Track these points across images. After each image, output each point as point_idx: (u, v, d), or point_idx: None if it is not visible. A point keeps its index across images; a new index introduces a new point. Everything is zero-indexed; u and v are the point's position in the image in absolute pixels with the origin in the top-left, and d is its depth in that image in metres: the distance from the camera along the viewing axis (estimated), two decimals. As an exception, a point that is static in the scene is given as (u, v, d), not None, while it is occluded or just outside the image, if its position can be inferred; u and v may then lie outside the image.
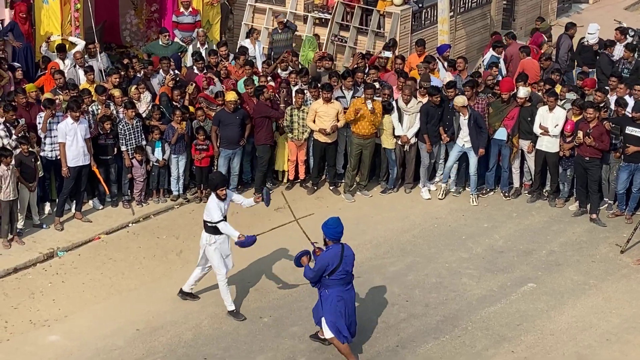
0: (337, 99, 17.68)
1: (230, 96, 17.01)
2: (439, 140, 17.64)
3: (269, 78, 18.66)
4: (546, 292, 14.75)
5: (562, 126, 16.91)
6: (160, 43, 19.97)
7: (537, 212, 17.38)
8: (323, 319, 12.56)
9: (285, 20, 21.86)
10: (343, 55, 22.06)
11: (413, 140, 17.69)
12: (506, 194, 17.90)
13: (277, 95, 17.97)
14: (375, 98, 17.22)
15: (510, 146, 17.49)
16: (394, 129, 17.59)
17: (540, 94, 17.80)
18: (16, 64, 18.17)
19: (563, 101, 17.57)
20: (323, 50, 20.67)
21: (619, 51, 20.55)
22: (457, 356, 13.16)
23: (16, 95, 16.46)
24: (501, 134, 17.45)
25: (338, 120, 17.47)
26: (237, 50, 20.12)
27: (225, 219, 13.62)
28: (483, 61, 20.37)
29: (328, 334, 12.59)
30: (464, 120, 17.16)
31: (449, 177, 17.91)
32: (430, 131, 17.48)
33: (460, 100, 17.10)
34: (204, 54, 19.54)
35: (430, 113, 17.38)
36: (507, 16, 25.97)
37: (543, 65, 19.58)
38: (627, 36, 20.96)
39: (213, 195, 13.51)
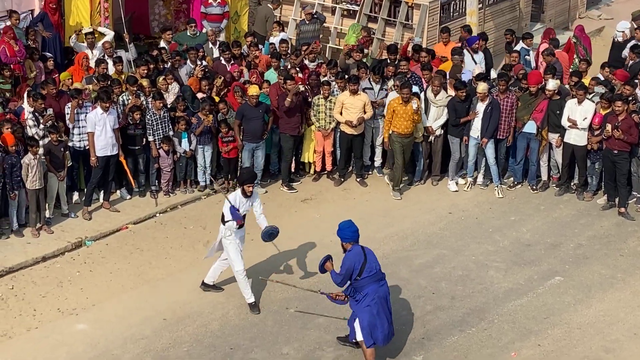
0: (364, 90, 17.66)
1: (253, 90, 16.99)
2: (464, 135, 17.57)
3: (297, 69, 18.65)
4: (573, 286, 14.68)
5: (591, 119, 16.81)
6: (188, 34, 20.02)
7: (565, 206, 17.29)
8: (357, 320, 12.39)
9: (314, 11, 21.85)
10: (371, 46, 22.01)
11: (438, 132, 17.65)
12: (534, 187, 17.82)
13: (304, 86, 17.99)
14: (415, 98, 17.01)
15: (540, 139, 17.42)
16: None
17: (568, 87, 17.71)
18: (48, 54, 18.28)
19: (591, 94, 17.45)
20: (353, 43, 20.59)
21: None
22: (483, 349, 13.13)
23: (46, 85, 16.57)
24: (530, 127, 17.37)
25: (365, 112, 17.46)
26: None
27: (244, 217, 13.64)
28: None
29: (359, 335, 12.43)
30: (481, 107, 17.10)
31: (474, 170, 17.88)
32: (455, 125, 17.40)
33: (483, 87, 17.05)
34: (215, 53, 19.51)
35: (458, 109, 17.31)
36: (537, 8, 25.80)
37: (545, 60, 19.26)
38: None
39: (237, 191, 13.55)
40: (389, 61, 18.83)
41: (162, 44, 19.67)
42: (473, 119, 17.27)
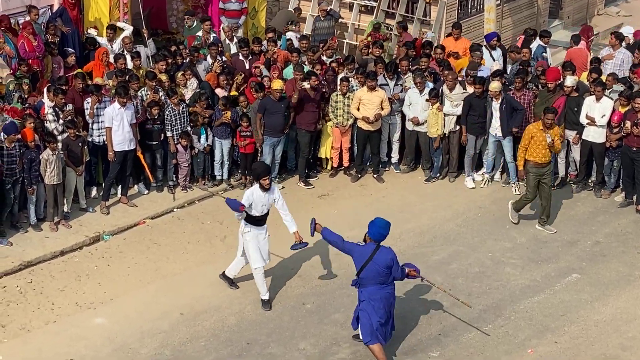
0: (380, 86, 17.65)
1: (277, 84, 17.02)
2: (482, 132, 17.51)
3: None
4: (590, 283, 14.65)
5: (609, 116, 16.75)
6: (186, 26, 20.14)
7: (582, 203, 17.25)
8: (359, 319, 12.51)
9: (329, 8, 21.86)
10: (389, 42, 21.99)
11: (455, 128, 17.63)
12: (551, 184, 17.77)
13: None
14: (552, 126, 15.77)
15: (557, 135, 17.39)
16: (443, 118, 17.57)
17: (587, 83, 17.66)
18: (70, 50, 18.35)
19: (609, 90, 17.36)
20: (368, 39, 20.59)
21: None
22: (499, 346, 13.13)
23: (75, 79, 16.66)
24: (547, 123, 17.34)
25: (382, 109, 17.46)
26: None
27: (268, 212, 13.65)
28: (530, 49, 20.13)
29: (360, 334, 12.54)
30: (496, 105, 17.06)
31: (493, 167, 17.85)
32: (470, 122, 17.37)
33: (495, 86, 17.00)
34: (233, 49, 19.54)
35: (473, 104, 17.26)
36: (555, 4, 25.72)
37: (511, 57, 19.07)
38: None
39: (255, 187, 13.56)
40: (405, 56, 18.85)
41: (200, 33, 19.78)
42: (490, 117, 17.23)
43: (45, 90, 16.34)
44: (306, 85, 17.06)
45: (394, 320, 12.70)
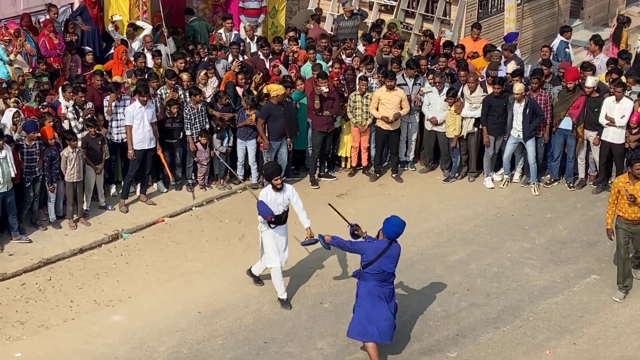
0: (398, 86, 17.62)
1: (276, 89, 16.92)
2: (502, 132, 17.45)
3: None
4: (610, 285, 14.56)
5: (629, 117, 16.67)
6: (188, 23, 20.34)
7: (602, 204, 17.10)
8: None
9: (357, 8, 21.85)
10: (408, 42, 21.96)
11: (474, 129, 17.59)
12: (571, 185, 17.70)
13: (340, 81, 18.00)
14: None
15: (576, 135, 17.30)
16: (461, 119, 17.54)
17: (607, 84, 17.56)
18: (87, 48, 18.41)
19: (628, 91, 17.27)
20: (388, 39, 20.55)
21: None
22: (517, 346, 13.09)
23: (94, 76, 16.72)
24: (567, 123, 17.25)
25: (401, 108, 17.43)
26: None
27: (286, 213, 13.64)
28: (552, 47, 20.03)
29: (350, 328, 12.56)
30: (518, 108, 16.99)
31: (511, 168, 17.79)
32: (490, 123, 17.31)
33: (519, 88, 16.93)
34: (253, 48, 19.55)
35: (493, 105, 17.20)
36: (576, 4, 25.59)
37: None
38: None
39: (268, 187, 13.56)
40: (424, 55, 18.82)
41: (221, 30, 19.78)
42: (511, 118, 17.16)
43: (60, 89, 16.39)
44: (323, 89, 17.05)
45: (394, 326, 12.60)
